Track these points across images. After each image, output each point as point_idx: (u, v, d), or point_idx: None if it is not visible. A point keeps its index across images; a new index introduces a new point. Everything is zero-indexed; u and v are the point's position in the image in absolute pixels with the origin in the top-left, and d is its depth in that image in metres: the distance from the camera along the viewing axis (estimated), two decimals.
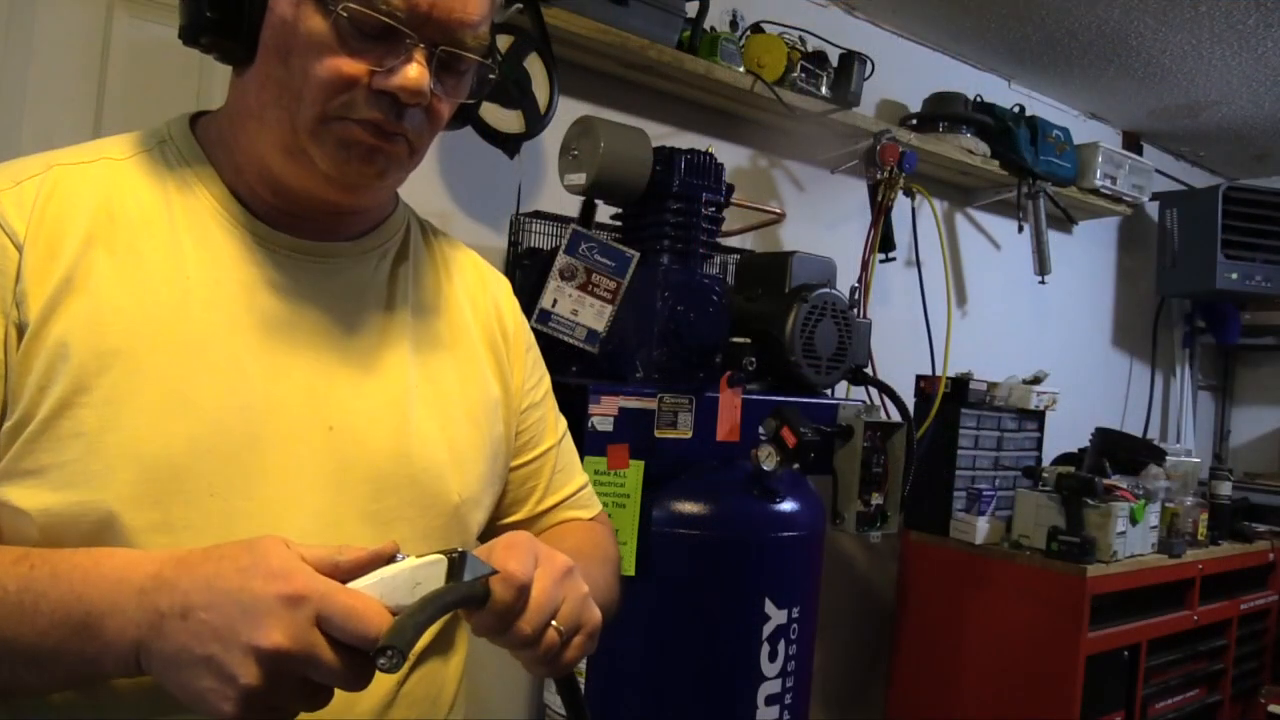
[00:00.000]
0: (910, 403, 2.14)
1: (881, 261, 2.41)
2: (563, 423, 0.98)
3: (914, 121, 2.66)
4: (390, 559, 0.59)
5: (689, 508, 1.59)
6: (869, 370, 2.07)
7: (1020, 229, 2.88)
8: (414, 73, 0.68)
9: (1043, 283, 2.96)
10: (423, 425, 0.78)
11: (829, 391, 1.92)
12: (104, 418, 0.64)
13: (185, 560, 0.57)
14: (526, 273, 1.80)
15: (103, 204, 0.69)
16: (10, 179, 0.68)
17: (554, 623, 0.65)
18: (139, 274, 0.68)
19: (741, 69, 2.12)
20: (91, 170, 0.71)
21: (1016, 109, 2.85)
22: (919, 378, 2.44)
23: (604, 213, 1.80)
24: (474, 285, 0.90)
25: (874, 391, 2.03)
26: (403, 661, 0.53)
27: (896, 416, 1.90)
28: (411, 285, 0.83)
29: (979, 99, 2.77)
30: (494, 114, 1.71)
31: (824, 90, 2.26)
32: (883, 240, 2.38)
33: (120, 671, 0.57)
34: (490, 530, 0.88)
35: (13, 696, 0.64)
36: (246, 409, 0.69)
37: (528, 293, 1.56)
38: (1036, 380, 2.51)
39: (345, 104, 0.68)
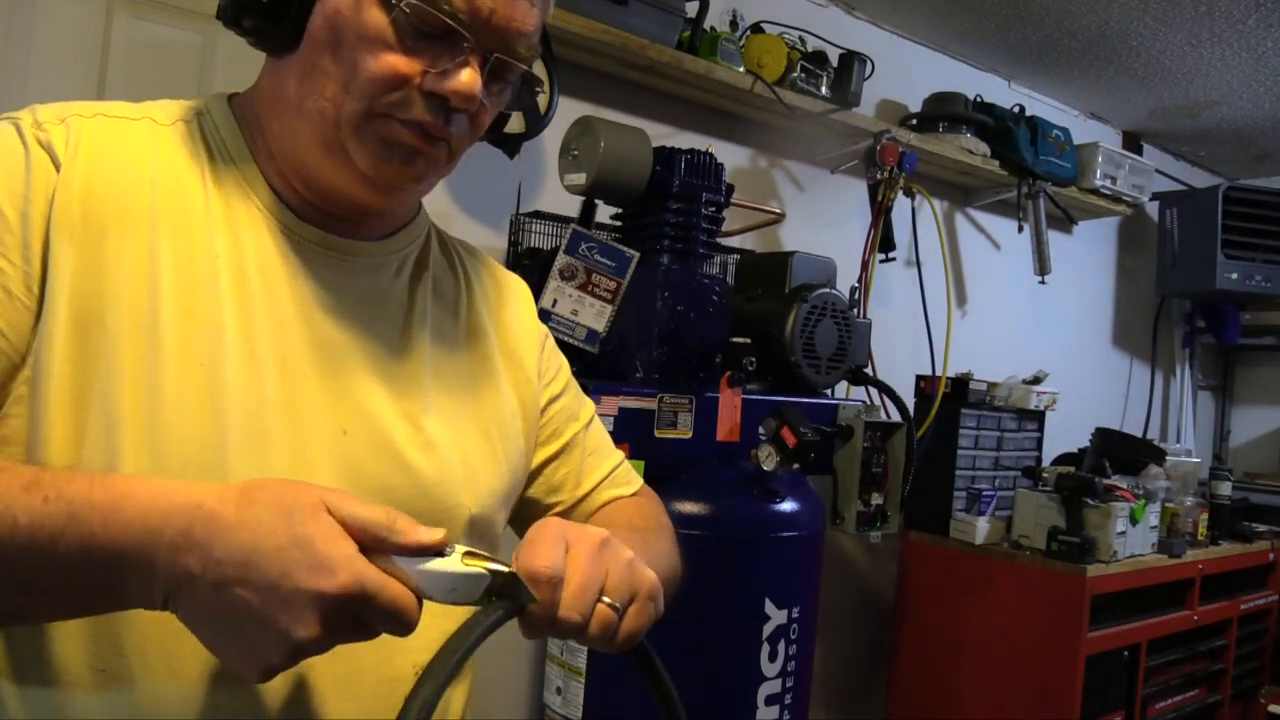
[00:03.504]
0: (910, 403, 2.14)
1: (881, 261, 2.41)
2: (589, 406, 0.96)
3: (914, 121, 2.67)
4: (439, 553, 0.58)
5: (689, 508, 1.59)
6: (869, 370, 2.07)
7: (1020, 229, 2.88)
8: (468, 77, 0.67)
9: (1043, 283, 2.96)
10: (437, 438, 0.76)
11: (829, 391, 1.92)
12: (122, 395, 0.62)
13: (218, 519, 0.53)
14: (526, 273, 1.78)
15: (144, 165, 0.68)
16: (56, 116, 0.67)
17: (604, 598, 0.63)
18: (171, 247, 0.66)
19: (741, 69, 2.12)
20: (135, 127, 0.69)
21: (1016, 109, 2.85)
22: (919, 378, 2.44)
23: (604, 213, 1.80)
24: (493, 294, 0.89)
25: (874, 391, 2.03)
26: None
27: (896, 416, 1.90)
28: (431, 297, 0.81)
29: (979, 99, 2.77)
30: None
31: (824, 90, 2.26)
32: (883, 240, 2.38)
33: (144, 608, 0.56)
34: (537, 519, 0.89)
35: (21, 623, 0.63)
36: (262, 404, 0.67)
37: None
38: (1036, 380, 2.51)
39: (394, 103, 0.67)
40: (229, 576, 0.52)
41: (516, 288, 0.93)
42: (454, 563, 0.58)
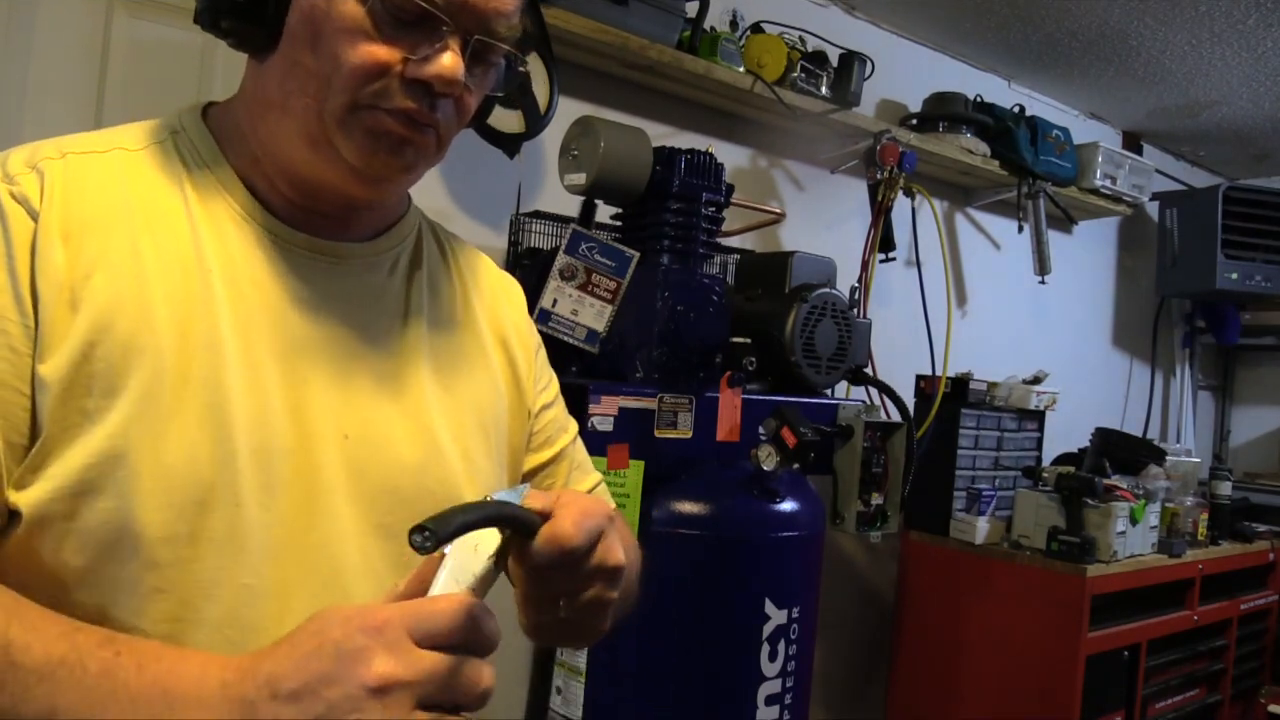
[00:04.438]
0: (910, 403, 2.14)
1: (881, 261, 2.41)
2: (573, 423, 0.97)
3: (914, 121, 2.67)
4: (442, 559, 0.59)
5: (689, 508, 1.59)
6: (869, 370, 2.07)
7: (1020, 229, 2.88)
8: (449, 61, 0.67)
9: (1043, 283, 2.96)
10: (439, 436, 0.76)
11: (829, 391, 1.92)
12: (129, 419, 0.62)
13: (259, 651, 0.56)
14: (526, 273, 1.80)
15: (119, 196, 0.67)
16: (25, 163, 0.66)
17: (562, 601, 0.64)
18: (160, 269, 0.66)
19: (741, 69, 2.12)
20: (106, 160, 0.69)
21: (1016, 109, 2.85)
22: (919, 378, 2.44)
23: (604, 213, 1.80)
24: (486, 291, 0.89)
25: (874, 391, 2.03)
26: (435, 545, 0.52)
27: (896, 416, 1.90)
28: (426, 293, 0.81)
29: (979, 99, 2.77)
30: (494, 114, 1.71)
31: (824, 90, 2.26)
32: (883, 240, 2.38)
33: None
34: None
35: None
36: (266, 414, 0.67)
37: (528, 293, 1.56)
38: (1036, 380, 2.51)
39: (377, 92, 0.67)
40: (279, 674, 0.53)
41: (512, 288, 0.93)
42: (456, 542, 0.58)
